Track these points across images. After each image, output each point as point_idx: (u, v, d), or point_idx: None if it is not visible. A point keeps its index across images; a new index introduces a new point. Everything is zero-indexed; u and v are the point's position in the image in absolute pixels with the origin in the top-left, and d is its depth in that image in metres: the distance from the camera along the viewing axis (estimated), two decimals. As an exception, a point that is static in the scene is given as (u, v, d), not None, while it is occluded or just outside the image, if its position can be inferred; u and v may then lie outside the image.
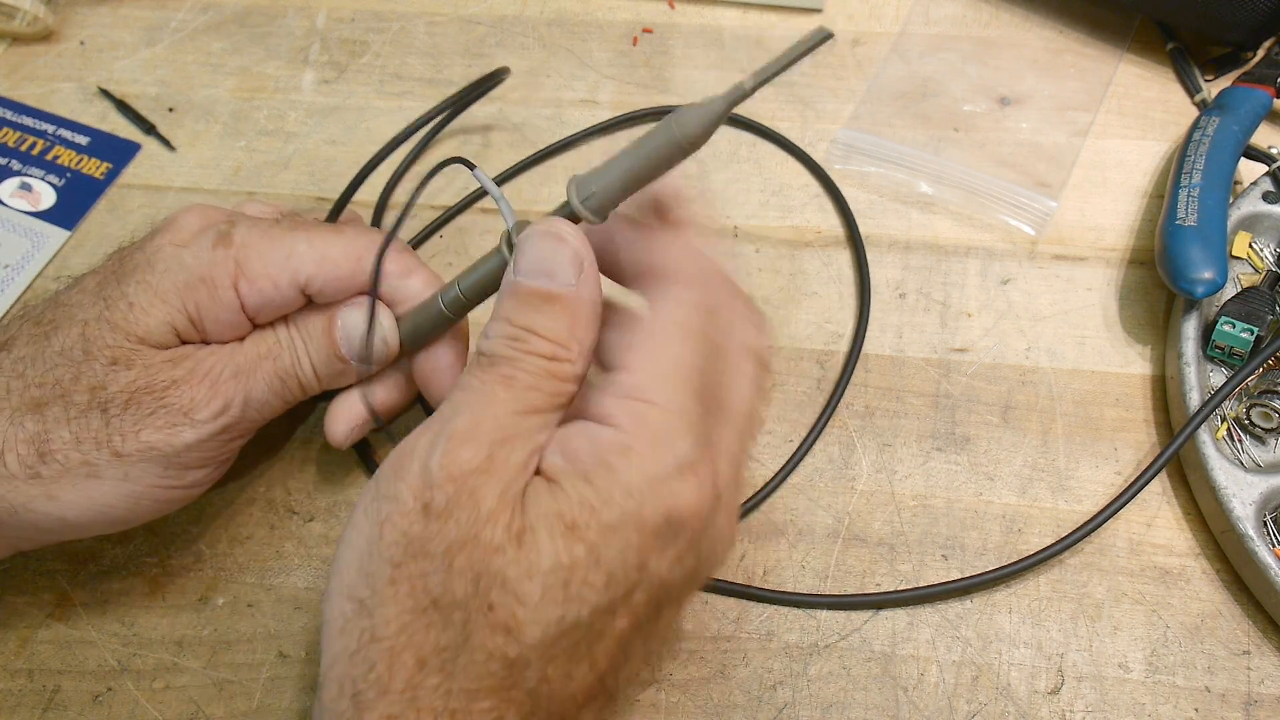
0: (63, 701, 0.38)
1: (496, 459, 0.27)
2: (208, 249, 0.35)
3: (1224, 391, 0.40)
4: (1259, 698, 0.37)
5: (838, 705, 0.37)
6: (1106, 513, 0.39)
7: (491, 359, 0.28)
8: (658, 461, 0.26)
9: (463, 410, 0.27)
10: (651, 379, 0.27)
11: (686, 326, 0.28)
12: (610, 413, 0.27)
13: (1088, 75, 0.54)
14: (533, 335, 0.28)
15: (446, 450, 0.26)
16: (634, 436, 0.27)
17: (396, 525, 0.26)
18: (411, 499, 0.26)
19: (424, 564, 0.26)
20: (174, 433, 0.34)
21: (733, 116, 0.52)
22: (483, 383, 0.28)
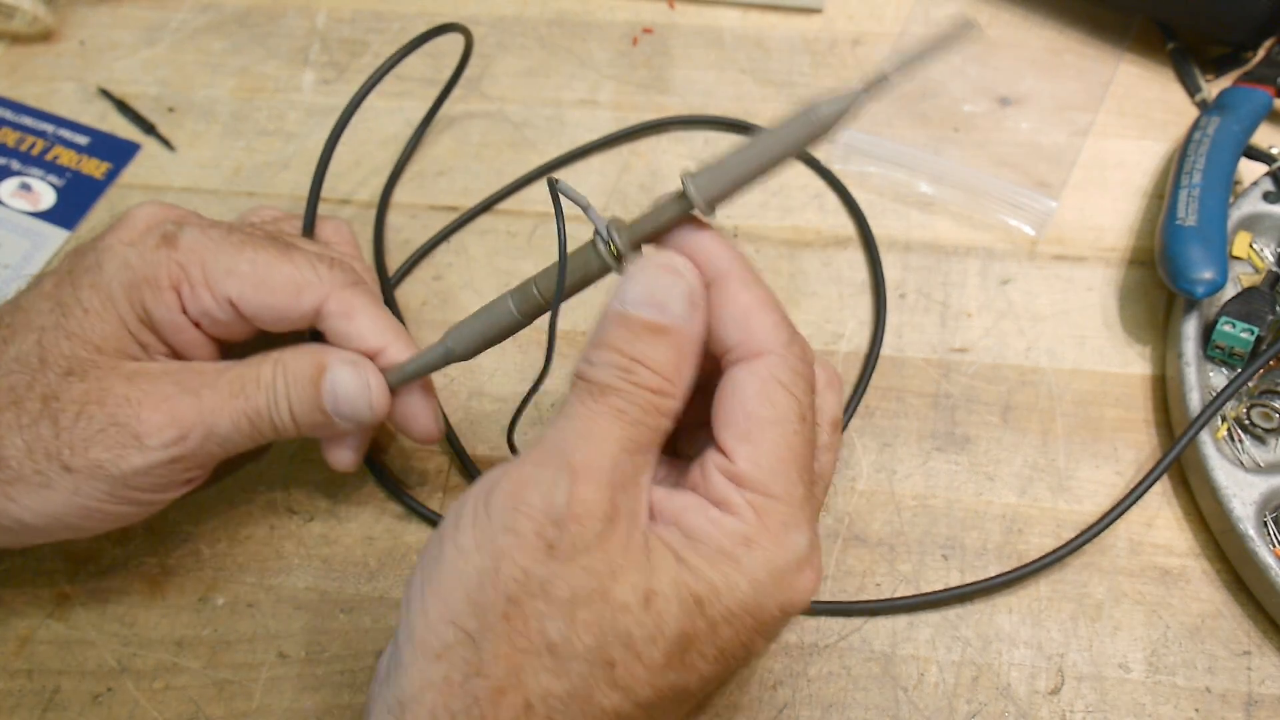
0: (62, 701, 0.38)
1: (619, 507, 0.26)
2: (151, 248, 0.34)
3: (1224, 395, 0.40)
4: (1259, 698, 0.37)
5: (838, 705, 0.37)
6: (1109, 517, 0.39)
7: (602, 388, 0.27)
8: (781, 557, 0.27)
9: (579, 443, 0.27)
10: (771, 473, 0.27)
11: (792, 413, 0.28)
12: (731, 500, 0.27)
13: (1088, 75, 0.54)
14: (642, 367, 0.27)
15: (572, 489, 0.26)
16: (757, 530, 0.27)
17: (516, 561, 0.26)
18: (534, 536, 0.26)
19: (543, 606, 0.25)
20: (122, 454, 0.33)
21: (735, 123, 0.53)
22: (594, 414, 0.27)
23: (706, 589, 0.26)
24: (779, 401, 0.28)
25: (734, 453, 0.28)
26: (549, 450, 0.27)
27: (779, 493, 0.27)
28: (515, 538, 0.26)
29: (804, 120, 0.28)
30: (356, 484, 0.43)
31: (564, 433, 0.27)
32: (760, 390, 0.28)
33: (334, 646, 0.39)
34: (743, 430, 0.28)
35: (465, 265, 0.49)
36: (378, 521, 0.42)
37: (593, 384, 0.28)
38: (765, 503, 0.27)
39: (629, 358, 0.27)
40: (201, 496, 0.43)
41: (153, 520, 0.42)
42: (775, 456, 0.27)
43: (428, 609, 0.27)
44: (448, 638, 0.26)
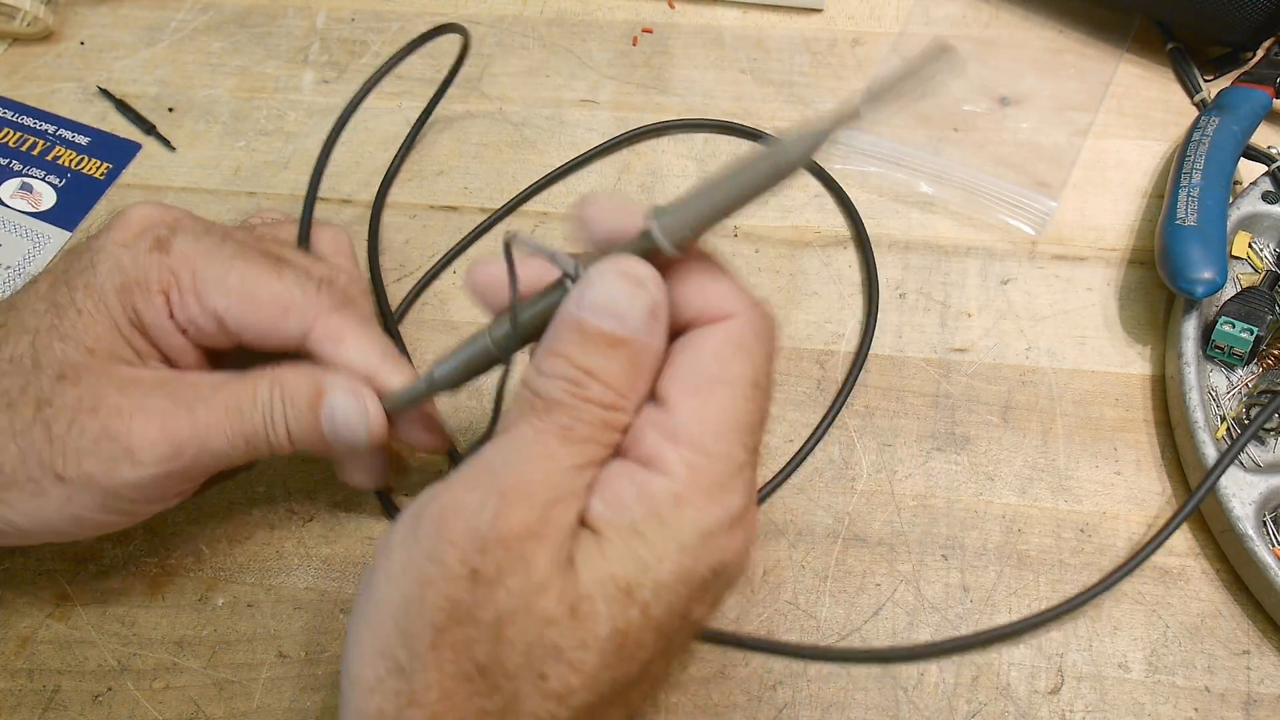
0: (63, 701, 0.38)
1: (549, 520, 0.25)
2: (144, 251, 0.34)
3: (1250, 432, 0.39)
4: (1259, 698, 0.37)
5: (838, 705, 0.37)
6: (1132, 563, 0.38)
7: (547, 404, 0.26)
8: (711, 515, 0.26)
9: (514, 463, 0.26)
10: (710, 431, 0.26)
11: (744, 376, 0.27)
12: (661, 457, 0.26)
13: (1088, 75, 0.54)
14: (594, 381, 0.26)
15: (499, 512, 0.25)
16: (687, 487, 0.26)
17: (440, 590, 0.25)
18: (458, 564, 0.25)
19: (470, 631, 0.25)
20: (113, 468, 0.32)
21: (732, 126, 0.53)
22: (538, 432, 0.26)
23: (634, 571, 0.25)
24: (736, 362, 0.27)
25: (677, 407, 0.26)
26: (481, 472, 0.26)
27: (717, 453, 0.26)
28: (440, 566, 0.25)
29: (771, 159, 0.26)
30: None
31: (501, 452, 0.26)
32: (717, 350, 0.27)
33: (334, 646, 0.39)
34: (690, 385, 0.27)
35: (465, 264, 0.49)
36: (378, 522, 0.42)
37: (539, 398, 0.26)
38: (700, 460, 0.26)
39: (580, 369, 0.26)
40: (201, 498, 0.43)
41: (153, 520, 0.42)
42: (719, 417, 0.26)
43: (360, 641, 0.26)
44: (379, 670, 0.25)
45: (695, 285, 0.28)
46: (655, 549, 0.25)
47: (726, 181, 0.26)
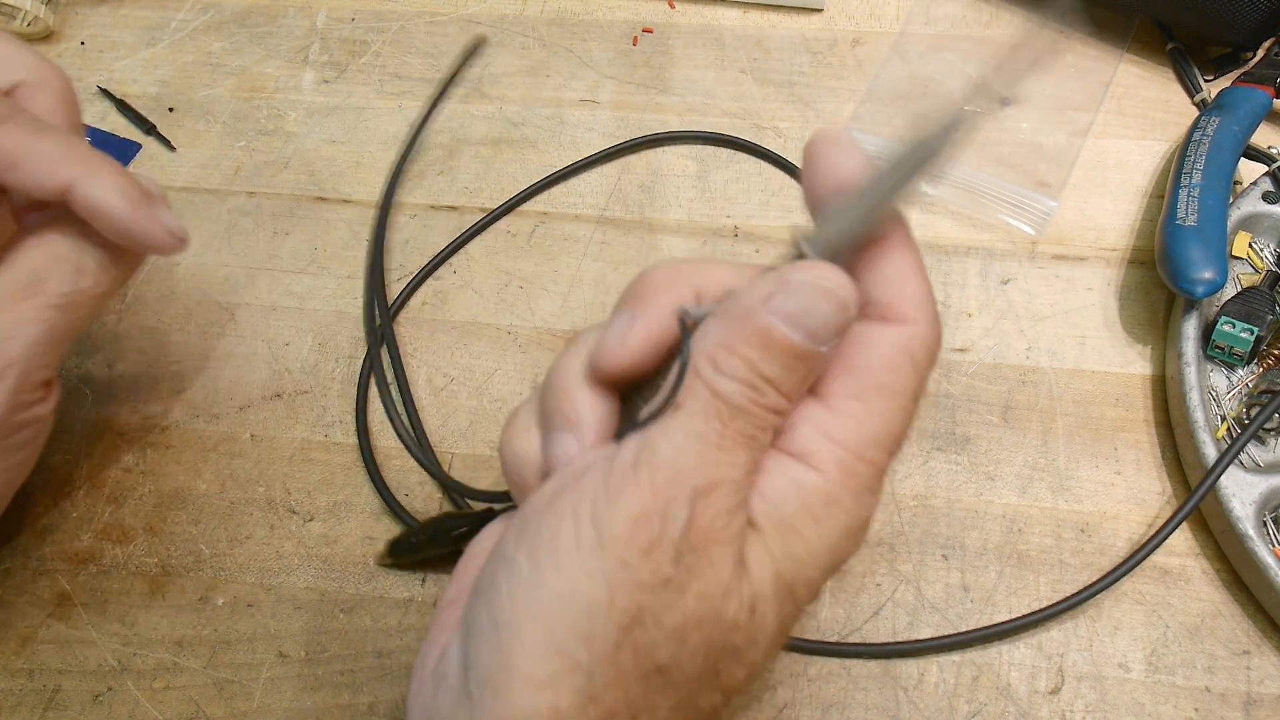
0: (63, 701, 0.38)
1: (732, 526, 0.25)
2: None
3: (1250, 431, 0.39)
4: (1259, 698, 0.37)
5: (838, 705, 0.37)
6: (1131, 562, 0.39)
7: (733, 410, 0.25)
8: (855, 518, 0.26)
9: (701, 469, 0.25)
10: (867, 438, 0.26)
11: (910, 390, 0.27)
12: (817, 454, 0.26)
13: (1088, 75, 0.54)
14: (773, 389, 0.25)
15: (692, 521, 0.24)
16: (841, 489, 0.26)
17: (631, 595, 0.24)
18: (651, 573, 0.24)
19: (655, 634, 0.25)
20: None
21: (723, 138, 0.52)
22: (721, 437, 0.25)
23: (791, 567, 0.26)
24: (905, 374, 0.27)
25: (841, 408, 0.26)
26: (667, 474, 0.25)
27: (870, 459, 0.26)
28: (632, 573, 0.24)
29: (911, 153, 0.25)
30: (356, 485, 0.43)
31: (685, 454, 0.25)
32: (892, 358, 0.26)
33: (334, 646, 0.39)
34: (859, 389, 0.26)
35: (464, 265, 0.49)
36: (378, 521, 0.42)
37: (721, 399, 0.25)
38: (855, 464, 0.26)
39: (762, 377, 0.25)
40: (202, 497, 0.43)
41: (153, 520, 0.42)
42: (880, 425, 0.26)
43: (526, 635, 0.25)
44: (554, 666, 0.25)
45: (886, 277, 0.27)
46: (809, 545, 0.26)
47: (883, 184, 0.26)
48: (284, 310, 0.48)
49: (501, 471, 0.30)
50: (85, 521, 0.42)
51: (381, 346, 0.46)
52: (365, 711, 0.37)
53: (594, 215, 0.50)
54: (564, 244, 0.49)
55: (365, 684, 0.38)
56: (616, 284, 0.48)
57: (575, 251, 0.49)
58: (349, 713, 0.37)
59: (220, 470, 0.43)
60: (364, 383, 0.45)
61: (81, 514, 0.42)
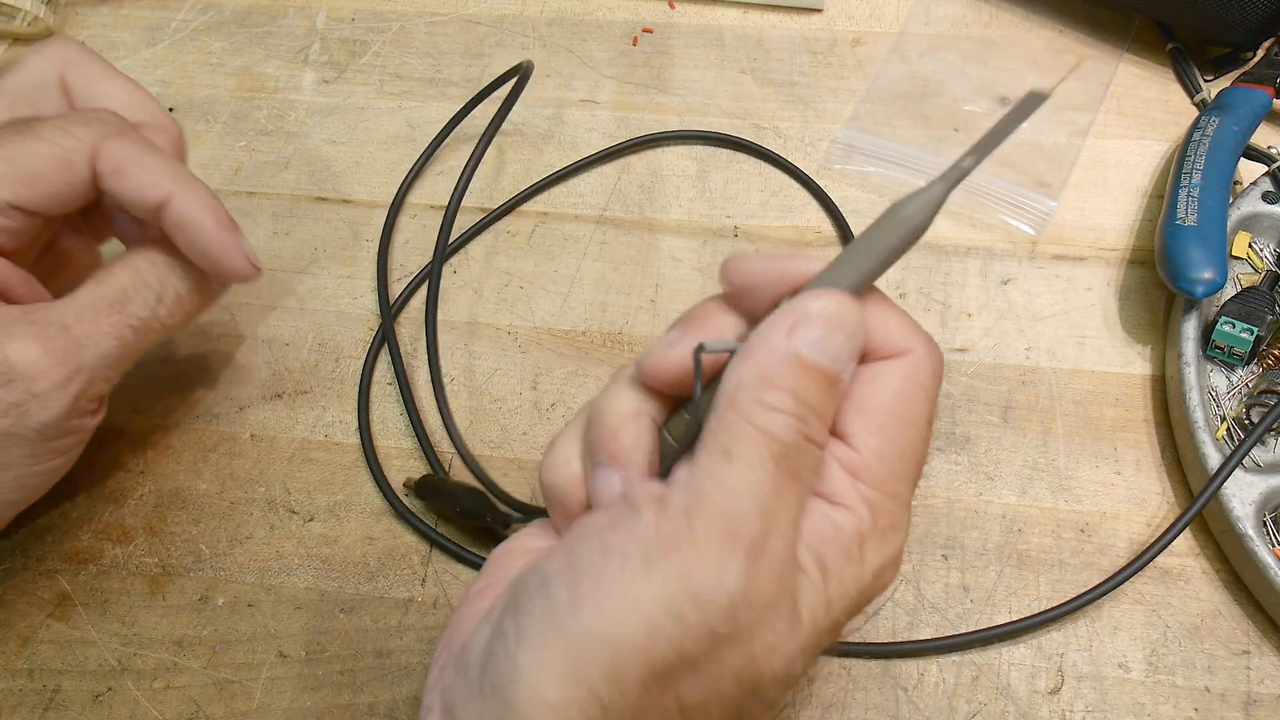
0: (63, 701, 0.38)
1: (785, 580, 0.25)
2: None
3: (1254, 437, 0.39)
4: (1259, 698, 0.37)
5: (838, 705, 0.37)
6: (1132, 568, 0.38)
7: (784, 448, 0.25)
8: (884, 555, 0.27)
9: (757, 518, 0.24)
10: (892, 471, 0.27)
11: (923, 416, 0.27)
12: (846, 494, 0.26)
13: (1088, 75, 0.54)
14: (815, 419, 0.25)
15: (748, 579, 0.24)
16: (870, 528, 0.26)
17: (673, 643, 0.24)
18: (699, 625, 0.24)
19: (688, 680, 0.24)
20: (23, 416, 0.32)
21: (723, 137, 0.52)
22: (775, 480, 0.25)
23: (824, 613, 0.26)
24: (916, 403, 0.27)
25: (862, 445, 0.27)
26: (722, 524, 0.24)
27: (893, 492, 0.27)
28: (677, 623, 0.24)
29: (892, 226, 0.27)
30: (356, 485, 0.43)
31: (740, 503, 0.24)
32: (901, 388, 0.27)
33: (334, 646, 0.39)
34: (877, 424, 0.27)
35: (465, 264, 0.49)
36: (378, 521, 0.42)
37: (773, 440, 0.25)
38: (879, 500, 0.26)
39: (806, 406, 0.25)
40: (202, 497, 0.43)
41: (153, 520, 0.42)
42: (900, 456, 0.27)
43: (548, 660, 0.24)
44: (568, 693, 0.24)
45: (878, 314, 0.28)
46: (843, 587, 0.26)
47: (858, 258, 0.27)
48: (284, 310, 0.48)
49: (542, 497, 0.31)
50: (85, 521, 0.42)
51: (383, 346, 0.46)
52: (365, 711, 0.38)
53: (594, 215, 0.50)
54: (564, 244, 0.49)
55: (365, 684, 0.38)
56: (616, 284, 0.48)
57: (575, 251, 0.49)
58: (349, 713, 0.38)
59: (220, 470, 0.43)
60: (365, 383, 0.45)
61: (81, 514, 0.42)
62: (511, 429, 0.44)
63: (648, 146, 0.53)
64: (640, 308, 0.47)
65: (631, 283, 0.48)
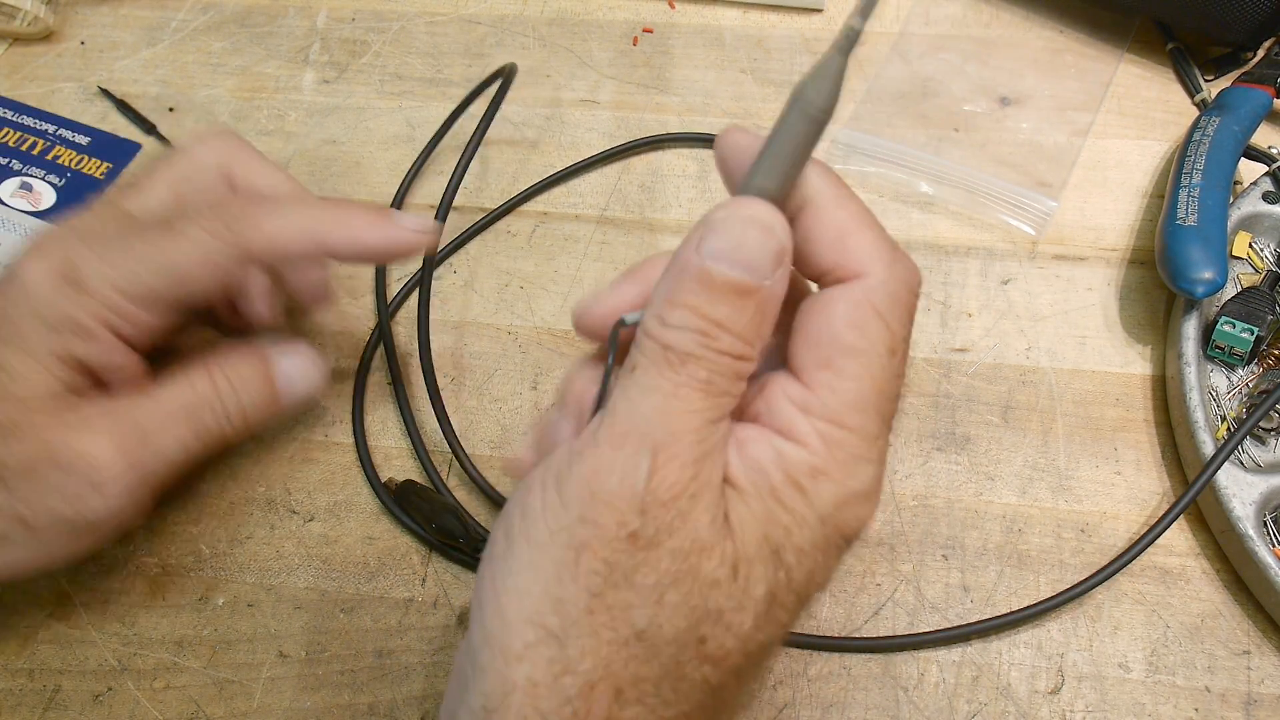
0: (63, 701, 0.38)
1: (701, 478, 0.24)
2: (59, 297, 0.34)
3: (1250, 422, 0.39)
4: (1259, 698, 0.37)
5: (838, 705, 0.37)
6: (1129, 554, 0.38)
7: (682, 357, 0.25)
8: (847, 487, 0.26)
9: (658, 418, 0.24)
10: (847, 403, 0.25)
11: (879, 344, 0.26)
12: (799, 429, 0.26)
13: (1088, 75, 0.54)
14: (724, 332, 0.25)
15: (654, 470, 0.24)
16: (826, 460, 0.25)
17: (597, 553, 0.24)
18: (615, 526, 0.24)
19: (629, 595, 0.24)
20: (82, 504, 0.33)
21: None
22: (675, 384, 0.25)
23: (780, 534, 0.25)
24: (870, 330, 0.26)
25: (811, 379, 0.26)
26: (625, 428, 0.25)
27: (853, 424, 0.26)
28: (594, 528, 0.24)
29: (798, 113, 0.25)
30: (356, 484, 0.43)
31: (640, 407, 0.25)
32: (851, 315, 0.26)
33: (334, 646, 0.39)
34: (824, 356, 0.26)
35: (465, 264, 0.49)
36: (378, 521, 0.42)
37: (671, 350, 0.25)
38: (836, 433, 0.25)
39: (710, 320, 0.25)
40: (202, 497, 0.43)
41: (153, 520, 0.42)
42: (856, 389, 0.26)
43: (503, 609, 0.25)
44: (528, 637, 0.24)
45: (829, 235, 0.26)
46: (796, 515, 0.25)
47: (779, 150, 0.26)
48: (284, 310, 0.48)
49: None
50: (85, 521, 0.42)
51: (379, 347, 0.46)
52: (365, 711, 0.38)
53: (594, 215, 0.50)
54: (564, 244, 0.49)
55: (365, 684, 0.38)
56: (616, 284, 0.48)
57: (575, 251, 0.49)
58: (349, 713, 0.37)
59: (220, 470, 0.43)
60: (361, 383, 0.45)
61: (81, 514, 0.42)
62: (511, 429, 0.44)
63: (648, 147, 0.53)
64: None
65: (631, 283, 0.48)
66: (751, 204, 0.25)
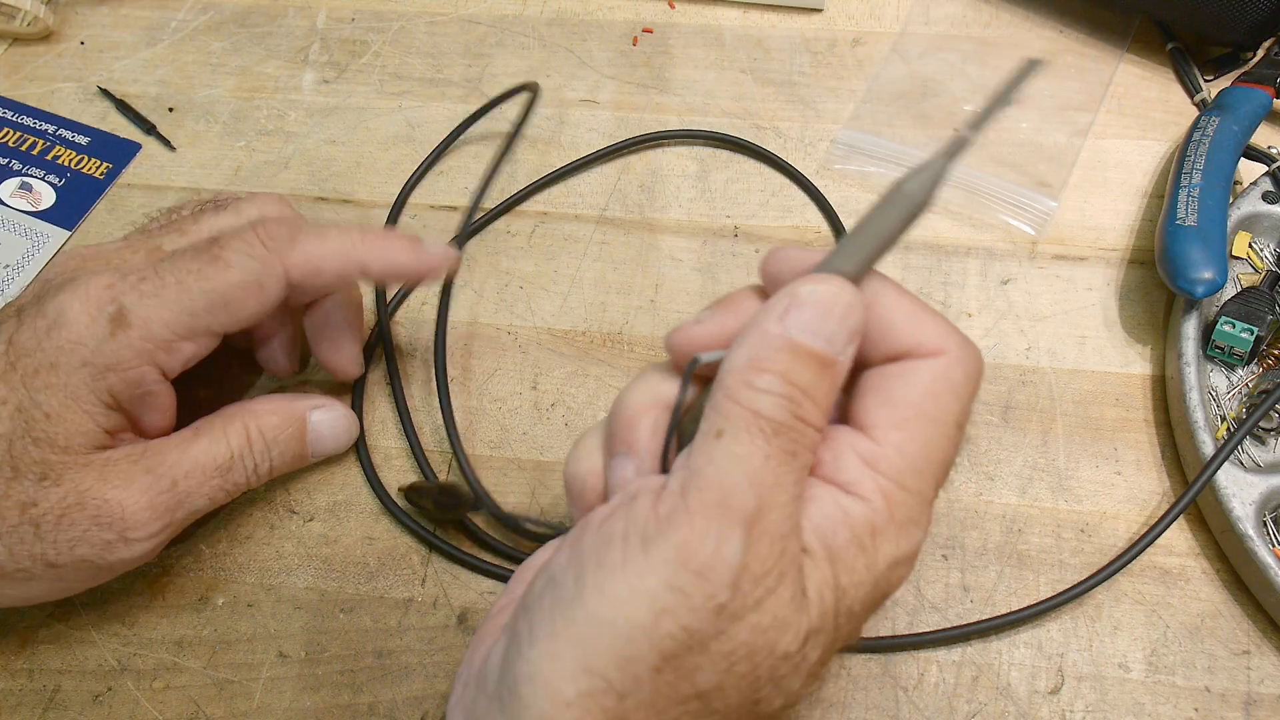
0: (63, 701, 0.38)
1: (787, 555, 0.25)
2: (107, 339, 0.33)
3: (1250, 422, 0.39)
4: (1259, 698, 0.37)
5: (838, 705, 0.37)
6: (1129, 555, 0.38)
7: (774, 426, 0.25)
8: (900, 549, 0.26)
9: (751, 491, 0.25)
10: (913, 466, 0.26)
11: (951, 416, 0.27)
12: (861, 484, 0.26)
13: (1088, 75, 0.54)
14: (809, 402, 0.26)
15: (748, 548, 0.24)
16: (885, 519, 0.26)
17: (679, 620, 0.24)
18: (704, 599, 0.24)
19: (700, 660, 0.24)
20: (108, 550, 0.34)
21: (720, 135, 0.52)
22: (766, 457, 0.25)
23: (835, 598, 0.26)
24: (946, 401, 0.27)
25: (883, 438, 0.27)
26: (716, 497, 0.25)
27: (913, 487, 0.26)
28: (682, 598, 0.24)
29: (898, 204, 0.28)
30: (356, 484, 0.43)
31: (732, 476, 0.25)
32: (930, 386, 0.27)
33: (334, 646, 0.39)
34: (900, 418, 0.27)
35: (464, 265, 0.49)
36: (378, 521, 0.42)
37: (762, 418, 0.25)
38: (897, 493, 0.26)
39: (797, 388, 0.25)
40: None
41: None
42: (923, 453, 0.27)
43: (560, 653, 0.25)
44: (583, 686, 0.24)
45: (906, 318, 0.28)
46: (854, 576, 0.26)
47: (868, 235, 0.28)
48: (284, 310, 0.48)
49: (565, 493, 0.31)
50: (85, 521, 0.42)
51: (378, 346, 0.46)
52: (365, 711, 0.38)
53: (594, 215, 0.50)
54: (564, 244, 0.49)
55: (365, 684, 0.38)
56: (616, 284, 0.48)
57: (575, 251, 0.49)
58: (349, 713, 0.37)
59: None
60: (360, 384, 0.45)
61: (81, 514, 0.42)
62: (511, 429, 0.44)
63: (648, 146, 0.53)
64: (640, 308, 0.47)
65: (631, 283, 0.48)
66: (836, 281, 0.27)
